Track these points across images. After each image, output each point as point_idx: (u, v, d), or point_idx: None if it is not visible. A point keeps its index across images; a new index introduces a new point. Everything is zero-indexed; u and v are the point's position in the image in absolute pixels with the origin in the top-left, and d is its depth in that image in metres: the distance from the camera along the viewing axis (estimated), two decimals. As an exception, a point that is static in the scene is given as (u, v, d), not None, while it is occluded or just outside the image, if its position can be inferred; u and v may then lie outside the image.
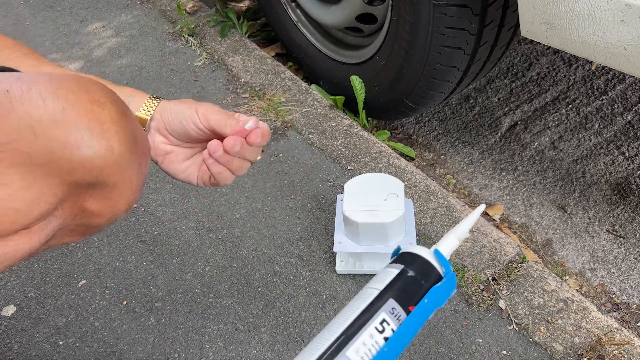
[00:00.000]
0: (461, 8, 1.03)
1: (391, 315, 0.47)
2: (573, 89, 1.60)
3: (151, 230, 1.14)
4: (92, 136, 0.39)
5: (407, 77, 1.22)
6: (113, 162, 0.40)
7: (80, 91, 0.40)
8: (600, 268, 1.17)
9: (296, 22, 1.56)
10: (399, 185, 0.96)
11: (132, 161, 0.42)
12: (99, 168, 0.40)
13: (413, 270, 0.50)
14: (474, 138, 1.51)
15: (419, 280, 0.50)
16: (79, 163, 0.39)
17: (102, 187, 0.42)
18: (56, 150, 0.37)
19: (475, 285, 0.98)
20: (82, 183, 0.40)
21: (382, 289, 0.49)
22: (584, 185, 1.34)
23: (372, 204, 0.93)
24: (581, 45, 0.83)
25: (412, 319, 0.48)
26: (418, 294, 0.49)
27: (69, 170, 0.39)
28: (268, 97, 1.47)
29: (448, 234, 0.54)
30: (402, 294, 0.49)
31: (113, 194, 0.43)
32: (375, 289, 0.49)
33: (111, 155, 0.40)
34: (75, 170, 0.39)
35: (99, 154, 0.39)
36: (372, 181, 0.97)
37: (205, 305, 0.99)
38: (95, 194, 0.42)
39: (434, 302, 0.50)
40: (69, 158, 0.38)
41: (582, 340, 0.89)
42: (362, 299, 0.49)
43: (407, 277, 0.50)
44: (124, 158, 0.41)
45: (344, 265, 1.01)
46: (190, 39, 1.73)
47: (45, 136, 0.37)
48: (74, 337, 0.96)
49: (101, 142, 0.39)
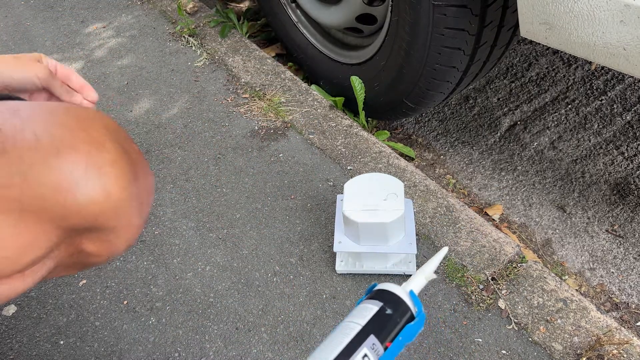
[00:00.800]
0: (461, 8, 1.03)
1: (371, 351, 0.52)
2: (572, 89, 1.61)
3: (152, 230, 1.14)
4: (87, 182, 0.36)
5: (406, 77, 1.23)
6: (110, 208, 0.38)
7: (79, 130, 0.37)
8: (599, 268, 1.17)
9: (296, 22, 1.57)
10: (399, 185, 0.96)
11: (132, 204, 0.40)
12: (96, 214, 0.38)
13: (391, 308, 0.56)
14: (474, 138, 1.51)
15: (395, 319, 0.55)
16: (74, 209, 0.36)
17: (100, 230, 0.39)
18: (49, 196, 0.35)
19: (474, 285, 0.98)
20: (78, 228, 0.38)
21: (363, 324, 0.54)
22: (583, 185, 1.35)
23: (372, 204, 0.93)
24: (580, 46, 0.83)
25: (388, 354, 0.53)
26: (394, 331, 0.55)
27: (63, 217, 0.36)
28: (268, 98, 1.47)
29: (417, 274, 0.60)
30: (381, 331, 0.54)
31: (111, 237, 0.41)
32: (357, 324, 0.54)
33: (108, 201, 0.38)
34: (69, 217, 0.37)
35: (95, 201, 0.37)
36: (372, 181, 0.98)
37: (206, 305, 0.99)
38: (93, 237, 0.40)
39: (406, 339, 0.55)
40: (62, 205, 0.36)
41: (581, 340, 0.89)
42: (345, 333, 0.54)
43: (386, 314, 0.56)
44: (123, 203, 0.39)
45: (343, 265, 1.01)
46: (191, 40, 1.73)
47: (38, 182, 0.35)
48: (75, 336, 0.97)
49: (97, 188, 0.37)
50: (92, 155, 0.37)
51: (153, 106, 1.51)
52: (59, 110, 0.38)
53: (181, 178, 1.26)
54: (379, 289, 0.59)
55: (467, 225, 1.08)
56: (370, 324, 0.54)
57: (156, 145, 1.36)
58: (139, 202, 0.41)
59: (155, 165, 1.30)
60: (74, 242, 0.39)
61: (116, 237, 0.41)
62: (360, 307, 0.57)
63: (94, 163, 0.37)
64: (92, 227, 0.39)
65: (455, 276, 0.99)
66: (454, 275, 1.00)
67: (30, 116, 0.36)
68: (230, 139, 1.36)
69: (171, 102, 1.52)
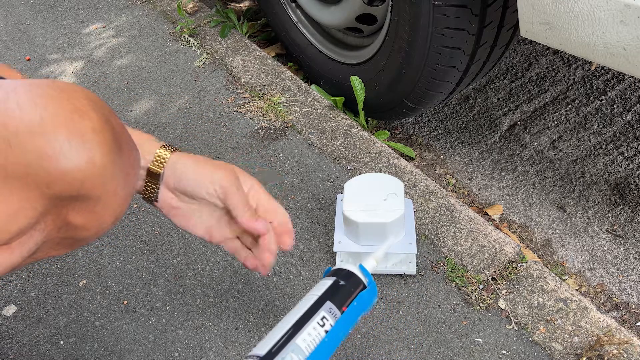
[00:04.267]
0: (461, 8, 1.03)
1: (329, 313, 0.59)
2: (572, 89, 1.61)
3: (152, 230, 1.14)
4: (71, 147, 0.36)
5: (406, 77, 1.23)
6: (95, 175, 0.38)
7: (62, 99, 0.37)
8: (599, 268, 1.18)
9: (296, 22, 1.57)
10: (399, 185, 0.96)
11: (116, 172, 0.40)
12: (80, 181, 0.38)
13: (343, 280, 0.64)
14: (474, 138, 1.51)
15: (348, 288, 0.63)
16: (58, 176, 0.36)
17: (85, 200, 0.39)
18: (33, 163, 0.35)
19: (474, 285, 0.98)
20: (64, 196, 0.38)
21: (320, 294, 0.62)
22: (583, 185, 1.35)
23: (372, 204, 0.93)
24: (580, 46, 0.83)
25: (346, 317, 0.61)
26: (349, 298, 0.62)
27: (48, 184, 0.36)
28: (268, 98, 1.47)
29: (369, 256, 0.69)
30: (336, 298, 0.62)
31: (97, 207, 0.41)
32: (314, 295, 0.62)
33: (93, 168, 0.38)
34: (54, 184, 0.37)
35: (80, 167, 0.37)
36: (372, 181, 0.97)
37: (206, 305, 0.99)
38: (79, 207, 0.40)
39: (361, 305, 0.63)
40: (47, 171, 0.36)
41: (581, 340, 0.89)
42: (305, 302, 0.61)
43: (339, 285, 0.63)
44: (107, 170, 0.39)
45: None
46: (191, 39, 1.73)
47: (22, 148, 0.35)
48: (75, 336, 0.97)
49: (81, 154, 0.37)
50: (75, 123, 0.37)
51: (153, 106, 1.51)
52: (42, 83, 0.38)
53: (181, 178, 1.26)
54: (334, 268, 0.67)
55: (467, 225, 1.08)
56: (326, 293, 0.62)
57: (156, 145, 1.36)
58: (124, 172, 0.41)
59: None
60: (60, 213, 0.39)
61: (102, 207, 0.41)
62: (318, 283, 0.65)
63: (77, 130, 0.37)
64: (77, 196, 0.39)
65: (455, 276, 0.99)
66: (454, 275, 1.00)
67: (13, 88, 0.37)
68: (230, 139, 1.36)
69: (171, 102, 1.52)
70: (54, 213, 0.39)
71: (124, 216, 1.17)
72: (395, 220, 0.91)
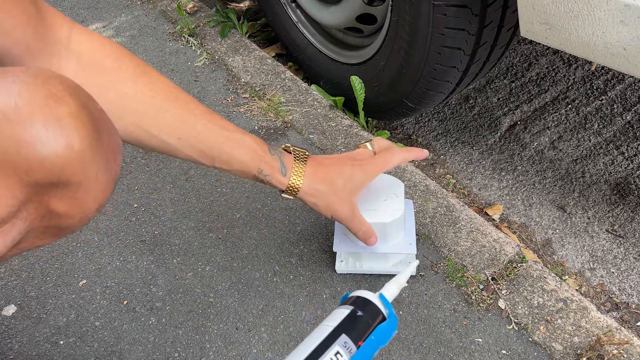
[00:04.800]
0: (461, 8, 1.03)
1: (344, 348, 0.55)
2: (572, 89, 1.61)
3: (151, 230, 1.14)
4: (48, 133, 0.36)
5: (406, 77, 1.23)
6: (74, 160, 0.38)
7: (36, 85, 0.37)
8: (599, 268, 1.18)
9: (296, 22, 1.57)
10: (399, 186, 0.96)
11: (96, 158, 0.40)
12: (59, 167, 0.37)
13: (361, 310, 0.59)
14: (474, 138, 1.51)
15: (366, 320, 0.59)
16: (37, 162, 0.36)
17: (66, 186, 0.39)
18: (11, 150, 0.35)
19: (474, 285, 0.98)
20: (44, 183, 0.38)
21: (335, 325, 0.58)
22: (583, 185, 1.35)
23: (372, 204, 0.93)
24: (581, 46, 0.83)
25: (362, 352, 0.56)
26: (366, 332, 0.58)
27: (27, 171, 0.36)
28: (268, 97, 1.47)
29: (390, 283, 0.64)
30: (352, 331, 0.57)
31: (79, 194, 0.40)
32: (329, 326, 0.58)
33: (71, 153, 0.38)
34: (33, 171, 0.36)
35: (57, 152, 0.37)
36: (372, 181, 0.98)
37: (206, 305, 1.00)
38: (60, 194, 0.40)
39: (379, 340, 0.59)
40: (25, 157, 0.36)
41: (581, 340, 0.89)
42: (319, 334, 0.57)
43: (357, 316, 0.59)
44: (86, 155, 0.39)
45: (344, 265, 1.01)
46: (191, 39, 1.74)
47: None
48: (75, 336, 0.97)
49: (59, 139, 0.37)
50: (52, 108, 0.37)
51: (153, 106, 1.51)
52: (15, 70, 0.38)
53: (181, 178, 1.26)
54: (352, 295, 0.62)
55: (467, 225, 1.08)
56: (342, 325, 0.58)
57: (156, 145, 1.36)
58: (104, 157, 0.41)
59: (155, 165, 1.30)
60: (42, 201, 0.39)
61: (84, 194, 0.41)
62: (334, 312, 0.60)
63: (53, 116, 0.37)
64: (58, 182, 0.38)
65: (455, 276, 0.99)
66: (454, 275, 1.00)
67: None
68: (230, 139, 1.36)
69: (171, 102, 1.51)
70: (36, 201, 0.39)
71: (123, 216, 1.17)
72: (395, 220, 0.91)
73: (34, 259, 1.09)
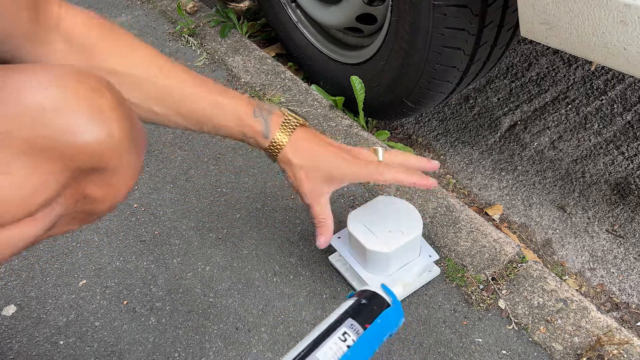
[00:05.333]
0: (461, 8, 1.03)
1: (351, 329, 0.59)
2: (573, 89, 1.61)
3: (151, 230, 1.14)
4: (92, 123, 0.40)
5: (407, 77, 1.23)
6: (113, 148, 0.42)
7: (80, 80, 0.41)
8: (599, 268, 1.17)
9: (296, 22, 1.57)
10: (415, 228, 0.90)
11: (131, 147, 0.44)
12: (100, 153, 0.41)
13: (365, 299, 0.63)
14: (474, 138, 1.51)
15: (371, 306, 0.62)
16: (81, 149, 0.40)
17: (103, 172, 0.43)
18: (58, 137, 0.39)
19: (474, 285, 0.98)
20: (84, 169, 0.42)
21: (341, 312, 0.62)
22: (583, 185, 1.35)
23: (377, 226, 0.90)
24: (580, 46, 0.83)
25: (369, 334, 0.59)
26: (372, 316, 0.62)
27: (71, 156, 0.40)
28: (268, 97, 1.47)
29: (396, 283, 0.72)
30: (358, 315, 0.61)
31: (113, 179, 0.44)
32: (335, 314, 0.62)
33: (111, 141, 0.42)
34: (77, 156, 0.40)
35: (100, 140, 0.41)
36: (395, 205, 0.94)
37: (206, 305, 0.99)
38: (96, 180, 0.44)
39: (386, 324, 0.62)
40: (71, 144, 0.39)
41: (581, 340, 0.89)
42: (326, 321, 0.62)
43: (361, 304, 0.63)
44: (124, 144, 0.43)
45: (335, 261, 1.01)
46: (191, 39, 1.74)
47: (47, 123, 0.38)
48: (75, 336, 0.97)
49: (102, 129, 0.41)
50: (95, 100, 0.41)
51: (153, 106, 1.51)
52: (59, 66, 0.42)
53: (181, 178, 1.26)
54: (358, 290, 0.67)
55: (467, 225, 1.08)
56: (347, 311, 0.62)
57: (156, 145, 1.36)
58: (136, 147, 0.46)
59: (155, 165, 1.30)
60: (79, 186, 0.43)
61: (118, 179, 0.45)
62: (340, 305, 0.65)
63: (97, 107, 0.41)
64: (97, 167, 0.43)
65: (455, 276, 0.99)
66: (454, 275, 1.00)
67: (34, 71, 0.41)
68: (230, 139, 1.36)
69: (171, 102, 1.51)
70: (74, 186, 0.43)
71: (123, 216, 1.17)
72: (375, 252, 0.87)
73: (34, 259, 1.09)
